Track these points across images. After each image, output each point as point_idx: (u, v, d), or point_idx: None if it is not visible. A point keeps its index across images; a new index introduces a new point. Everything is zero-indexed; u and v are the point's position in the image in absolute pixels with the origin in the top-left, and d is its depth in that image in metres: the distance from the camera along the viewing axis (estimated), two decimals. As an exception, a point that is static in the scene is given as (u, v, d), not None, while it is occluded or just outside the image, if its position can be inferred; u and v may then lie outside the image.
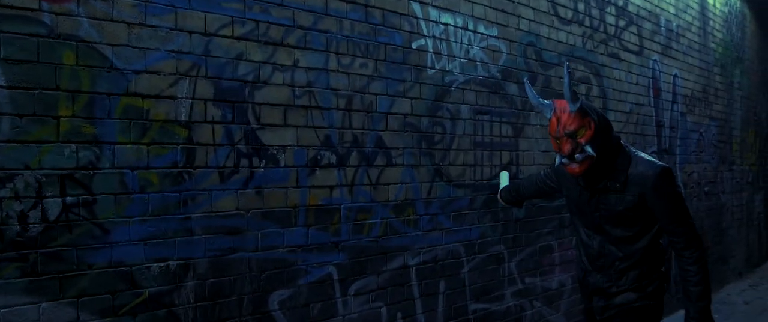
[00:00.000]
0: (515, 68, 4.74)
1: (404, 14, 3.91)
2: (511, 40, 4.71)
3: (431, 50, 4.08)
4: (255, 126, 3.15)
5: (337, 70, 3.52)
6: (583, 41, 5.53)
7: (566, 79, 2.71)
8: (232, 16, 3.08)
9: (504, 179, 4.23)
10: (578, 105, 2.71)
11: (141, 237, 2.78)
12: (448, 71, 4.19)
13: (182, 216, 2.90)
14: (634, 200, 2.77)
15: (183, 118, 2.90)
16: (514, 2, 4.75)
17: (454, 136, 4.22)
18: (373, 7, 3.72)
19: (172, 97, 2.87)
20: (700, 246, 2.77)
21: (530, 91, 2.99)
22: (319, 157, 3.42)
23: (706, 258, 2.79)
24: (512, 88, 4.70)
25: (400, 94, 3.86)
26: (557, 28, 5.20)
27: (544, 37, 5.06)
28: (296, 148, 3.32)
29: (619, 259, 2.89)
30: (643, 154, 2.86)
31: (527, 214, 4.81)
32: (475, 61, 4.40)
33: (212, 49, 3.01)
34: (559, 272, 5.16)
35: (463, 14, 4.31)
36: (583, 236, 3.03)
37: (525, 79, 3.17)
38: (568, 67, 2.74)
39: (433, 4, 4.10)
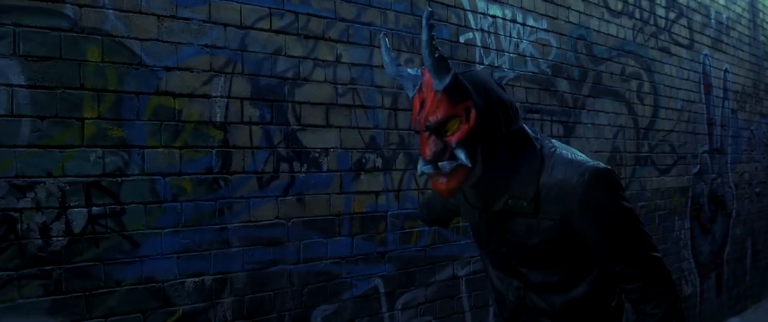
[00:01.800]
0: (566, 64, 4.42)
1: (451, 6, 3.62)
2: (560, 34, 4.40)
3: (480, 44, 3.79)
4: (295, 127, 2.89)
5: (382, 66, 3.24)
6: (633, 34, 5.20)
7: (424, 35, 1.58)
8: (269, 8, 2.82)
9: None
10: (448, 80, 1.61)
11: (174, 250, 2.52)
12: (497, 67, 3.89)
13: (218, 226, 2.64)
14: (554, 226, 1.68)
15: (218, 119, 2.65)
16: (563, -7, 4.44)
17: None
18: (419, -3, 3.44)
19: (206, 96, 2.62)
20: (670, 293, 1.68)
21: (387, 54, 1.77)
22: (363, 160, 3.15)
23: (681, 313, 1.69)
24: (563, 85, 4.39)
25: (447, 92, 3.57)
26: (607, 21, 4.88)
27: (595, 30, 4.74)
28: (339, 150, 3.05)
29: (547, 316, 1.83)
30: (566, 151, 1.74)
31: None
32: (525, 55, 4.10)
33: (249, 43, 2.75)
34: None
35: (511, 6, 4.01)
36: (494, 280, 1.97)
37: (381, 35, 1.90)
38: (429, 15, 1.59)
39: (481, -6, 3.81)
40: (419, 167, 1.67)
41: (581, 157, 1.71)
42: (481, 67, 3.78)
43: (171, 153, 2.52)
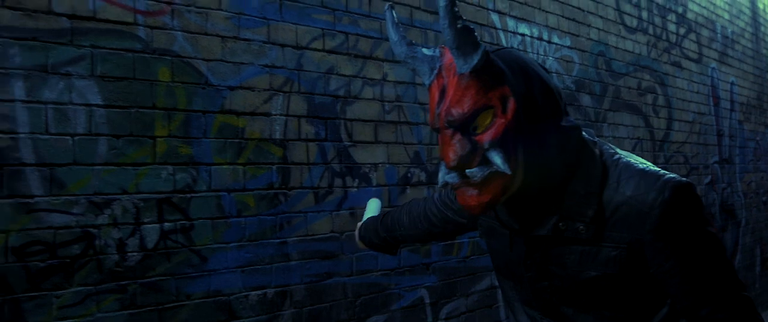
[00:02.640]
0: (587, 79, 4.55)
1: (484, 24, 3.74)
2: (582, 50, 4.53)
3: (510, 61, 3.90)
4: (347, 143, 2.98)
5: (424, 84, 3.34)
6: (648, 50, 5.34)
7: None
8: (322, 29, 2.92)
9: (372, 208, 2.09)
10: (477, 59, 1.16)
11: (238, 264, 2.60)
12: (526, 82, 4.00)
13: (278, 241, 2.72)
14: (618, 256, 1.23)
15: (278, 136, 2.73)
16: (584, 11, 4.57)
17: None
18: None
19: (267, 114, 2.70)
20: None
21: (395, 30, 1.30)
22: (409, 174, 3.24)
23: None
24: (585, 99, 4.51)
25: (482, 107, 3.68)
26: (624, 37, 5.02)
27: (613, 46, 4.87)
28: (387, 165, 3.14)
29: None
30: (632, 158, 1.28)
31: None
32: (551, 71, 4.21)
33: (304, 63, 2.84)
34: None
35: (538, 24, 4.13)
36: (521, 319, 1.48)
37: (386, 7, 1.33)
38: None
39: (511, 14, 3.93)
40: (440, 175, 1.23)
41: (653, 167, 1.24)
42: (513, 82, 3.88)
43: (235, 170, 2.60)
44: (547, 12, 4.21)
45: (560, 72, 4.28)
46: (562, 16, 4.34)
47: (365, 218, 2.01)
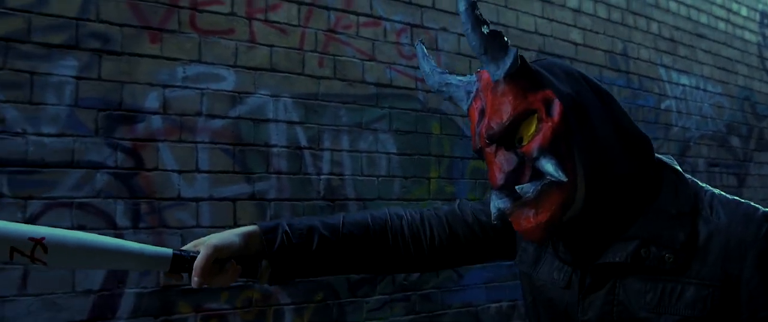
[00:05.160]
0: (736, 122, 5.00)
1: (654, 78, 4.27)
2: (731, 96, 4.98)
3: (675, 109, 4.41)
4: (558, 183, 3.56)
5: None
6: (784, 93, 5.73)
7: (462, 4, 1.01)
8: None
9: None
10: (510, 63, 0.98)
11: (483, 281, 3.20)
12: (687, 128, 4.50)
13: (509, 263, 3.30)
14: (708, 296, 0.96)
15: (511, 177, 3.34)
16: (732, 60, 5.03)
17: (694, 188, 4.50)
18: (633, 73, 4.10)
19: (503, 159, 3.32)
20: None
21: (426, 62, 1.16)
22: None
23: None
24: (734, 141, 4.95)
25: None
26: (766, 82, 5.44)
27: (757, 90, 5.30)
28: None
29: None
30: (720, 192, 1.04)
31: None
32: (706, 117, 4.70)
33: (528, 116, 3.45)
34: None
35: (696, 75, 4.63)
36: None
37: (417, 42, 1.21)
38: None
39: (675, 67, 4.45)
40: (492, 205, 1.02)
41: (746, 201, 1.03)
42: (676, 129, 4.40)
43: (482, 204, 3.22)
44: (702, 63, 4.71)
45: (713, 117, 4.76)
46: (715, 67, 4.83)
47: None
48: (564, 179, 0.94)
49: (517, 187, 0.96)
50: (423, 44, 1.20)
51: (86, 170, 2.22)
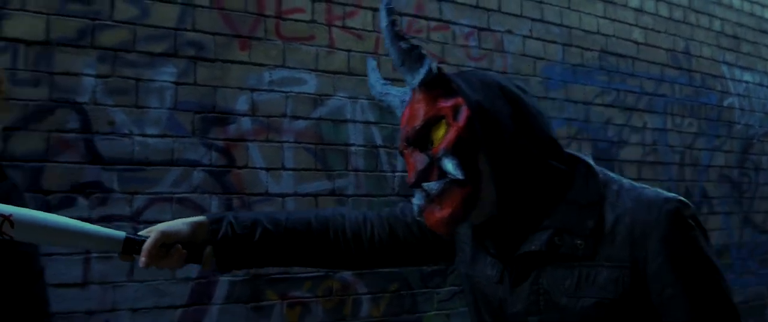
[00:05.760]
0: (800, 119, 4.96)
1: (717, 76, 4.29)
2: (795, 93, 4.95)
3: (737, 107, 4.42)
4: (620, 180, 3.64)
5: (673, 130, 3.95)
6: None
7: (383, 21, 1.17)
8: (601, 87, 3.61)
9: None
10: (424, 72, 1.12)
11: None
12: (750, 125, 4.50)
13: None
14: (619, 278, 1.03)
15: (574, 174, 3.44)
16: (795, 57, 5.00)
17: (757, 185, 4.51)
18: (694, 71, 4.14)
19: (566, 157, 3.42)
20: None
21: (373, 74, 1.38)
22: (664, 206, 3.85)
23: None
24: (798, 139, 4.92)
25: (716, 148, 4.22)
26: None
27: (821, 87, 5.24)
28: (648, 199, 3.76)
29: None
30: (629, 181, 1.12)
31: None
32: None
33: (591, 115, 3.54)
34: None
35: (759, 71, 4.62)
36: None
37: (368, 60, 1.46)
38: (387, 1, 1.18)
39: (737, 64, 4.45)
40: (413, 202, 1.12)
41: (652, 188, 1.09)
42: (739, 126, 4.41)
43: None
44: (766, 59, 4.69)
45: (777, 115, 4.75)
46: (779, 64, 4.81)
47: None
48: (461, 177, 1.04)
49: (424, 184, 1.07)
50: (374, 61, 1.39)
51: (184, 167, 2.43)
